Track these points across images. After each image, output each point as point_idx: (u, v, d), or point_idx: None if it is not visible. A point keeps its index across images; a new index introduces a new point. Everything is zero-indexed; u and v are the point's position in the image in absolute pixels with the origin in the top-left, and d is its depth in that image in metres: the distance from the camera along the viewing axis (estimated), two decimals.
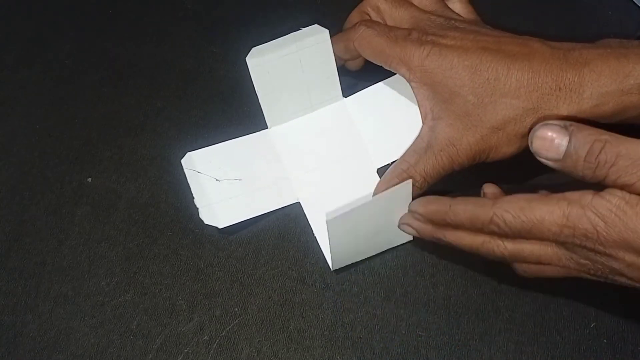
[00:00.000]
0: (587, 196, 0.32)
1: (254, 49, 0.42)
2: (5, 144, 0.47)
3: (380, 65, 0.41)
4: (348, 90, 0.45)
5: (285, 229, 0.43)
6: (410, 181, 0.38)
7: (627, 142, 0.31)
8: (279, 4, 0.52)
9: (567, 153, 0.33)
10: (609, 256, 0.32)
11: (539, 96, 0.36)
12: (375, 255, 0.42)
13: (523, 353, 0.39)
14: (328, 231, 0.38)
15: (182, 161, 0.43)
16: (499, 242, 0.35)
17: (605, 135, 0.32)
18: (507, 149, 0.38)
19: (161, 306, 0.41)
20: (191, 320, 0.40)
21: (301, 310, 0.41)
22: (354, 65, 0.45)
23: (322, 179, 0.44)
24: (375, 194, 0.41)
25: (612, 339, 0.39)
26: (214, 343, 0.40)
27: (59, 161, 0.46)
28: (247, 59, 0.42)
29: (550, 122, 0.34)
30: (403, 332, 0.40)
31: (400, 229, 0.40)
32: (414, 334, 0.40)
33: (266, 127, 0.45)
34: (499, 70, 0.36)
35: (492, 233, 0.35)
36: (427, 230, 0.38)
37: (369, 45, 0.40)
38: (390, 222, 0.40)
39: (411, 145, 0.40)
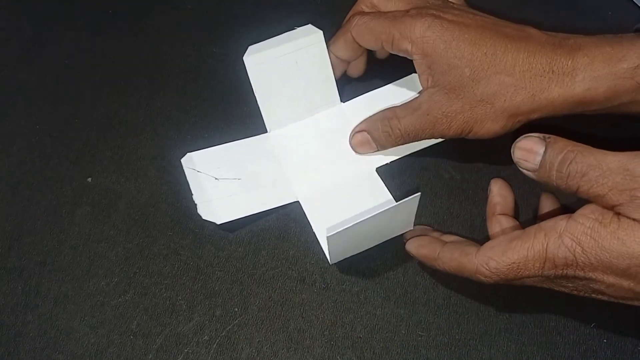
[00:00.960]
0: (561, 222, 0.32)
1: (250, 47, 0.42)
2: (5, 144, 0.47)
3: (380, 49, 0.41)
4: (346, 96, 0.46)
5: (285, 229, 0.43)
6: (417, 196, 0.38)
7: (599, 154, 0.32)
8: (279, 4, 0.52)
9: (542, 162, 0.33)
10: (589, 279, 0.32)
11: (532, 76, 0.37)
12: (375, 255, 0.42)
13: (523, 353, 0.39)
14: (328, 244, 0.38)
15: (182, 160, 0.43)
16: None
17: (579, 147, 0.32)
18: (492, 126, 0.38)
19: (161, 306, 0.41)
20: (191, 320, 0.40)
21: (301, 310, 0.41)
22: (355, 69, 0.45)
23: (322, 178, 0.44)
24: (354, 130, 0.42)
25: (612, 339, 0.39)
26: (214, 343, 0.40)
27: (59, 161, 0.46)
28: (244, 57, 0.42)
29: (531, 134, 0.35)
30: (403, 332, 0.40)
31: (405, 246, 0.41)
32: (414, 334, 0.40)
33: (265, 129, 0.45)
34: (497, 47, 0.37)
35: (481, 283, 0.36)
36: (428, 258, 0.39)
37: (368, 29, 0.40)
38: (391, 227, 0.40)
39: (406, 101, 0.41)
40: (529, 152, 0.34)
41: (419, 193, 0.38)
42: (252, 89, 0.43)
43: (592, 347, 0.39)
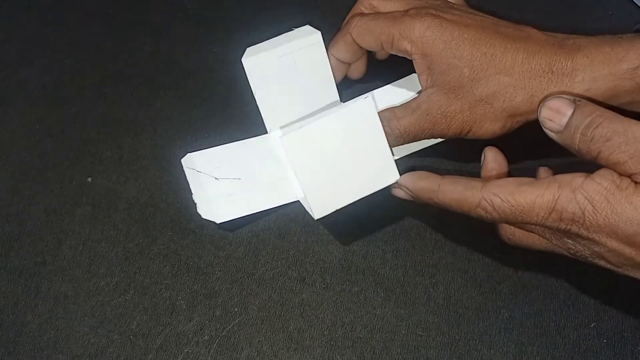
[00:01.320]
0: (578, 179, 0.32)
1: (248, 49, 0.42)
2: (5, 144, 0.47)
3: (380, 49, 0.41)
4: (345, 97, 0.45)
5: (285, 229, 0.43)
6: (370, 98, 0.37)
7: (627, 121, 0.32)
8: (278, 4, 0.52)
9: (567, 124, 0.33)
10: (592, 240, 0.32)
11: (531, 77, 0.37)
12: (375, 254, 0.42)
13: (523, 353, 0.39)
14: (287, 154, 0.37)
15: (182, 160, 0.43)
16: None
17: (608, 113, 0.32)
18: (491, 126, 0.38)
19: (161, 306, 0.41)
20: (191, 320, 0.40)
21: (301, 310, 0.41)
22: (355, 71, 0.45)
23: None
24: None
25: (612, 339, 0.39)
26: (214, 343, 0.40)
27: (59, 161, 0.46)
28: (242, 59, 0.42)
29: (562, 95, 0.35)
30: (403, 332, 0.40)
31: (393, 194, 0.40)
32: (414, 334, 0.40)
33: (265, 129, 0.45)
34: (497, 47, 0.37)
35: (480, 218, 0.35)
36: (424, 192, 0.38)
37: (368, 30, 0.40)
38: (363, 153, 0.39)
39: (405, 102, 0.41)
40: (557, 112, 0.34)
41: (369, 95, 0.37)
42: (251, 90, 0.43)
43: (592, 347, 0.39)
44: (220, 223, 0.41)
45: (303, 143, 0.37)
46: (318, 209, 0.39)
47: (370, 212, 0.44)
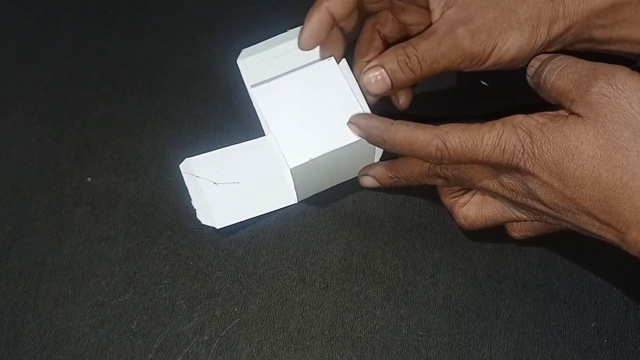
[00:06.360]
0: (518, 117, 0.34)
1: (243, 50, 0.42)
2: (5, 144, 0.47)
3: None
4: None
5: (285, 229, 0.43)
6: (332, 59, 0.38)
7: (582, 60, 0.34)
8: (279, 4, 0.52)
9: (539, 65, 0.36)
10: (528, 173, 0.33)
11: None
12: (375, 254, 0.42)
13: (523, 353, 0.39)
14: (293, 177, 0.39)
15: (181, 166, 0.43)
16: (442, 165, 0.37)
17: (573, 58, 0.34)
18: (517, 36, 0.36)
19: (161, 306, 0.41)
20: (191, 320, 0.40)
21: (301, 310, 0.41)
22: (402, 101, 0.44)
23: None
24: (367, 65, 0.39)
25: (612, 339, 0.39)
26: (214, 343, 0.40)
27: (59, 161, 0.46)
28: (237, 60, 0.42)
29: (540, 55, 0.37)
30: (403, 332, 0.40)
31: (361, 183, 0.43)
32: (414, 334, 0.40)
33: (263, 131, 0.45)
34: None
35: (429, 156, 0.35)
36: (383, 173, 0.41)
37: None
38: (354, 163, 0.41)
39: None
40: (538, 60, 0.36)
41: (332, 57, 0.39)
42: (247, 91, 0.43)
43: (592, 347, 0.39)
44: (220, 228, 0.41)
45: (273, 90, 0.40)
46: (292, 159, 0.39)
47: (370, 212, 0.44)
